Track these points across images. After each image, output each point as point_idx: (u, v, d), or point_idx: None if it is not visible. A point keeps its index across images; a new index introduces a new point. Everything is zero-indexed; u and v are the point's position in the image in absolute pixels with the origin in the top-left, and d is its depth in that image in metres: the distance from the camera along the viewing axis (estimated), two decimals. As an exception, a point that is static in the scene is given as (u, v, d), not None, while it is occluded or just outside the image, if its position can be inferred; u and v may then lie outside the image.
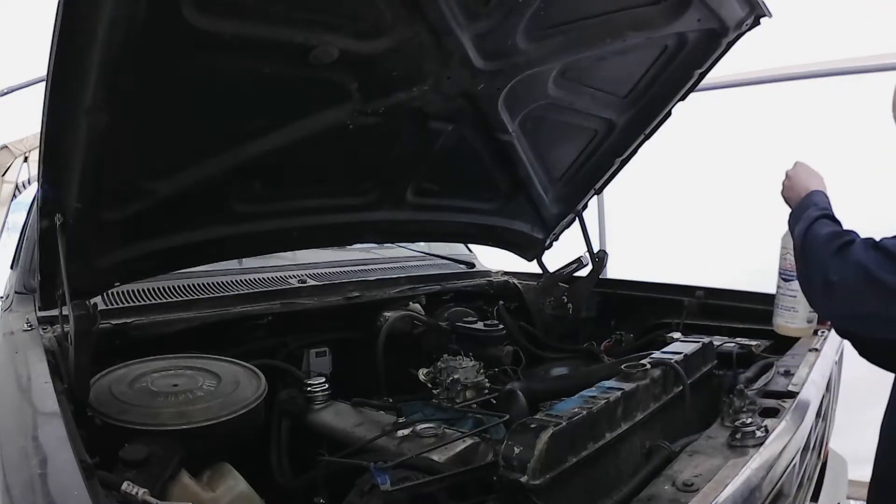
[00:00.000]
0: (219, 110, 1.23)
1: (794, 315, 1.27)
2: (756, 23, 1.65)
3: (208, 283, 1.77)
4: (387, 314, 1.91)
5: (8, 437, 0.81)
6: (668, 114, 1.90)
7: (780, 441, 1.04)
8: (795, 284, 1.26)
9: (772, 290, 1.87)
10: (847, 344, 1.37)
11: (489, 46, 1.39)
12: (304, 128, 1.37)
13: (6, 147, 2.98)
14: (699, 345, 1.39)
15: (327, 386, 1.56)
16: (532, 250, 2.33)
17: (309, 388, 1.54)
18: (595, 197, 2.21)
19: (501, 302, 2.21)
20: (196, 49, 1.06)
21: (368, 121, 1.44)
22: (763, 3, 1.60)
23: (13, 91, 3.48)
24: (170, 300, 1.64)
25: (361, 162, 1.62)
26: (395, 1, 1.18)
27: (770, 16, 1.64)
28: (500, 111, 1.65)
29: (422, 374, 1.65)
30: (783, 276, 1.27)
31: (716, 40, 1.67)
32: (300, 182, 1.56)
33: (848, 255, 1.04)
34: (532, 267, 2.38)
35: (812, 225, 1.15)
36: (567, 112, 1.79)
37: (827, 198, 1.24)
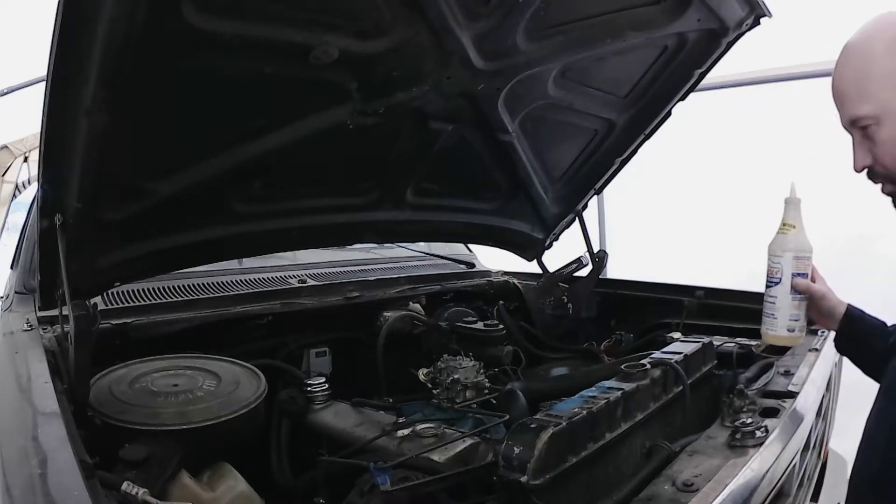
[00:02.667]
0: (219, 110, 1.23)
1: (773, 322, 1.21)
2: (756, 23, 1.65)
3: (208, 283, 1.77)
4: (387, 314, 1.91)
5: (8, 437, 0.81)
6: (668, 114, 1.90)
7: (780, 441, 1.04)
8: (774, 290, 1.20)
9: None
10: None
11: (489, 46, 1.39)
12: (304, 128, 1.37)
13: (6, 147, 2.97)
14: (699, 345, 1.39)
15: (327, 386, 1.55)
16: (532, 250, 2.33)
17: (309, 388, 1.54)
18: (595, 197, 2.22)
19: (501, 302, 2.21)
20: (196, 49, 1.06)
21: (368, 121, 1.44)
22: (763, 3, 1.60)
23: (13, 91, 3.49)
24: (170, 300, 1.64)
25: (361, 162, 1.62)
26: (395, 1, 1.18)
27: (770, 16, 1.64)
28: (500, 111, 1.65)
29: (422, 374, 1.65)
30: (767, 283, 1.22)
31: (716, 40, 1.67)
32: (300, 182, 1.56)
33: None
34: (532, 267, 2.38)
35: None
36: (567, 112, 1.79)
37: None
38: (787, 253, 1.18)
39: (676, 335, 1.77)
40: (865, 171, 1.01)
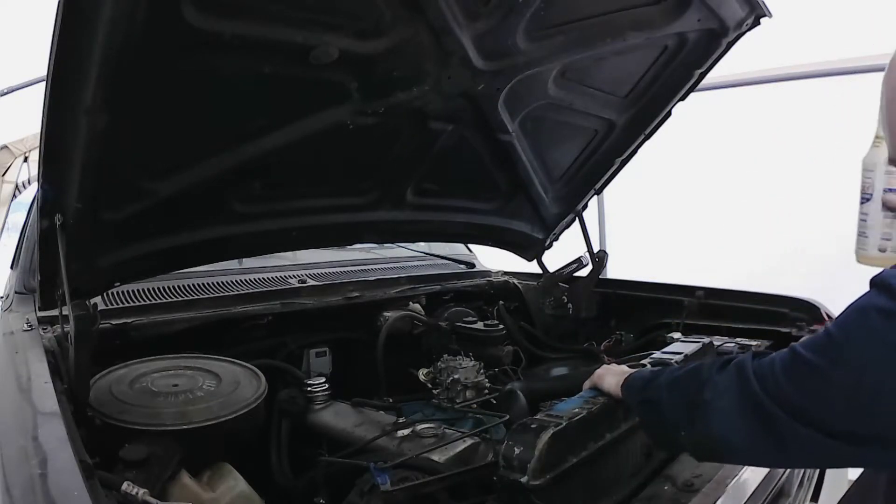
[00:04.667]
0: (219, 110, 1.23)
1: (865, 241, 1.12)
2: (756, 23, 1.65)
3: (208, 283, 1.77)
4: (387, 314, 1.91)
5: (8, 437, 0.81)
6: (668, 114, 1.90)
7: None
8: (866, 207, 1.12)
9: (772, 291, 1.87)
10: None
11: (489, 46, 1.39)
12: (304, 128, 1.37)
13: (6, 147, 2.97)
14: (699, 345, 1.39)
15: (327, 386, 1.56)
16: (532, 250, 2.33)
17: (309, 389, 1.54)
18: (595, 197, 2.22)
19: (501, 302, 2.22)
20: (196, 49, 1.06)
21: (368, 121, 1.44)
22: (763, 3, 1.60)
23: (13, 91, 3.48)
24: (170, 300, 1.64)
25: (361, 162, 1.62)
26: (394, 1, 1.18)
27: (770, 16, 1.64)
28: (501, 111, 1.65)
29: (422, 374, 1.65)
30: (860, 199, 1.12)
31: (716, 40, 1.67)
32: (300, 182, 1.56)
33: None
34: (532, 267, 2.38)
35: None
36: (567, 112, 1.79)
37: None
38: (880, 168, 1.08)
39: (676, 335, 1.77)
40: None
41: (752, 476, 0.92)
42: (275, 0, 1.07)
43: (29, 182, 3.05)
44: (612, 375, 1.07)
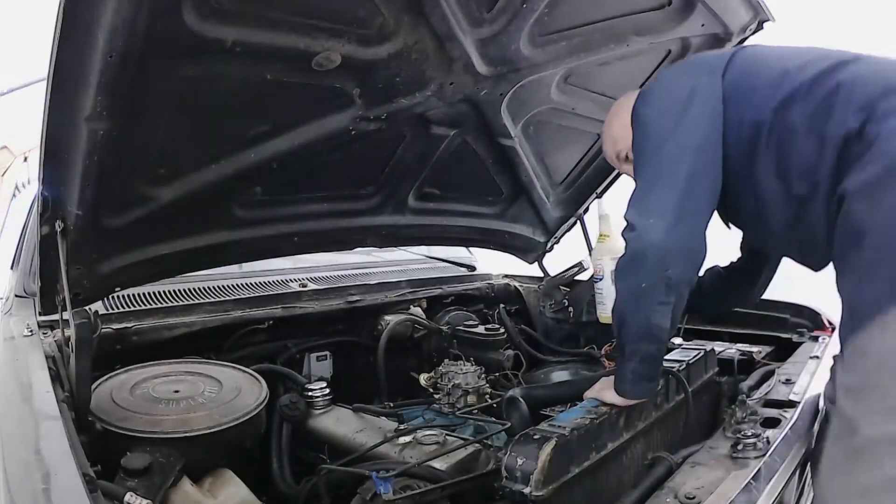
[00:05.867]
0: (221, 116, 1.22)
1: (604, 307, 1.48)
2: (759, 27, 1.64)
3: (209, 287, 1.77)
4: (388, 318, 1.91)
5: (11, 450, 0.81)
6: (671, 118, 1.89)
7: (782, 452, 1.04)
8: (600, 284, 1.48)
9: (774, 297, 1.88)
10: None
11: (492, 52, 1.38)
12: (307, 133, 1.36)
13: (6, 147, 2.96)
14: (701, 352, 1.39)
15: (328, 391, 1.55)
16: (533, 253, 2.33)
17: (310, 393, 1.54)
18: (596, 200, 2.21)
19: (502, 305, 2.21)
20: (197, 55, 1.05)
21: (371, 126, 1.43)
22: (766, 7, 1.59)
23: (13, 91, 3.47)
24: (171, 304, 1.64)
25: (363, 167, 1.62)
26: (398, 7, 1.18)
27: (773, 20, 1.63)
28: (503, 116, 1.64)
29: (423, 379, 1.65)
30: (593, 279, 1.52)
31: (719, 45, 1.66)
32: (301, 187, 1.56)
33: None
34: (533, 270, 2.38)
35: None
36: (569, 117, 1.79)
37: None
38: (606, 256, 1.45)
39: (678, 340, 1.77)
40: None
41: (753, 488, 0.92)
42: (277, 6, 1.07)
43: (29, 182, 3.05)
44: (611, 391, 1.08)
